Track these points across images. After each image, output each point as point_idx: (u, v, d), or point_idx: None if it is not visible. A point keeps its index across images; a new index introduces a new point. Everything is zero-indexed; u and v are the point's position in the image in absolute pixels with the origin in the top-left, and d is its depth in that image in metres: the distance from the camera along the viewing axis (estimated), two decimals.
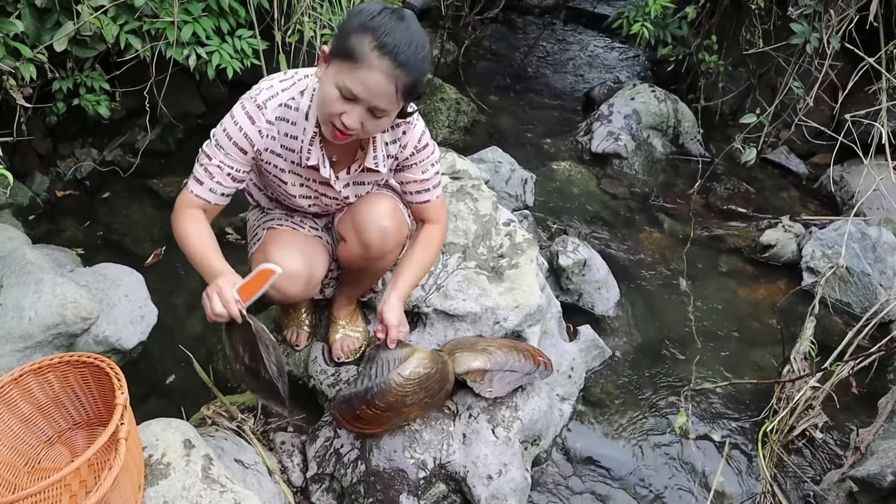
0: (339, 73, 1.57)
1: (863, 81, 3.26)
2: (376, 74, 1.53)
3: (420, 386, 1.90)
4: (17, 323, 1.99)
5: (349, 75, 1.55)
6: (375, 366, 1.91)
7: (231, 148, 1.75)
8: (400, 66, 1.53)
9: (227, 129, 1.74)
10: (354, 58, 1.53)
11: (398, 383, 1.87)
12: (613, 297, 2.84)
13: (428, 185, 1.93)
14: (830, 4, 3.25)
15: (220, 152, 1.75)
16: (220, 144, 1.75)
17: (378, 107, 1.58)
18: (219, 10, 2.73)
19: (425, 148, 1.89)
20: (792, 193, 3.75)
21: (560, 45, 5.17)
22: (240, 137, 1.74)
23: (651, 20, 3.73)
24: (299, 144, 1.78)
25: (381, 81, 1.54)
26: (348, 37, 1.55)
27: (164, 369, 2.39)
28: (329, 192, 1.91)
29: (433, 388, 1.93)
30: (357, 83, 1.55)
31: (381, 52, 1.51)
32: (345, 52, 1.55)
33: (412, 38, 1.55)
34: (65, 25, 2.47)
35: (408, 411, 1.92)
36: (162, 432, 1.68)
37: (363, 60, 1.52)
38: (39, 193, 3.05)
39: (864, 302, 2.89)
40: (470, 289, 2.19)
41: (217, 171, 1.76)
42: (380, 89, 1.55)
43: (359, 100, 1.57)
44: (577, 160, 3.81)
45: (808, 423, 2.38)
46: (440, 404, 2.01)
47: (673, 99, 3.94)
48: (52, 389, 1.67)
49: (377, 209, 1.91)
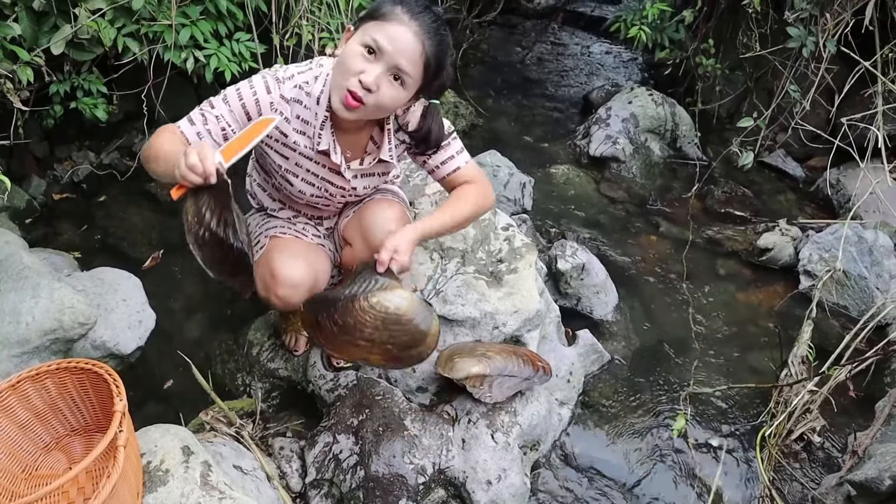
0: (366, 31, 1.62)
1: (859, 85, 3.27)
2: (405, 30, 1.59)
3: (385, 325, 1.74)
4: (14, 328, 1.98)
5: (377, 29, 1.60)
6: (354, 283, 1.77)
7: (237, 107, 1.74)
8: (427, 31, 1.60)
9: (241, 90, 1.75)
10: (385, 16, 1.60)
11: (361, 307, 1.73)
12: (612, 302, 2.84)
13: (451, 152, 1.92)
14: (826, 8, 3.26)
15: (225, 107, 1.74)
16: (227, 99, 1.75)
17: (400, 66, 1.61)
18: (217, 13, 2.72)
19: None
20: (789, 197, 3.76)
21: (558, 49, 5.17)
22: (251, 101, 1.74)
23: (648, 24, 3.74)
24: (311, 129, 1.79)
25: (408, 37, 1.59)
26: (381, 6, 1.62)
27: (162, 374, 2.38)
28: (337, 180, 1.91)
29: (401, 338, 1.76)
30: (384, 36, 1.59)
31: (412, 15, 1.60)
32: (374, 13, 1.61)
33: (438, 18, 1.65)
34: (62, 29, 2.47)
35: (366, 347, 1.76)
36: (160, 439, 1.68)
37: (394, 18, 1.59)
38: (36, 197, 3.04)
39: (861, 305, 2.90)
40: (469, 294, 2.19)
41: (213, 120, 1.73)
42: (407, 45, 1.60)
43: (383, 55, 1.60)
44: (575, 164, 3.81)
45: (806, 426, 2.38)
46: (409, 363, 1.85)
47: (670, 102, 3.95)
48: (50, 396, 1.67)
49: (384, 214, 1.92)
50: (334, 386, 2.15)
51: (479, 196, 1.93)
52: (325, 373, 2.19)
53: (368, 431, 1.97)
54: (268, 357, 2.35)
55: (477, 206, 1.93)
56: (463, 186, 1.94)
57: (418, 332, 1.76)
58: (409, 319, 1.74)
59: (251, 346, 2.39)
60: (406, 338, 1.76)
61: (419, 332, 1.77)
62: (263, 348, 2.37)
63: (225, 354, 2.44)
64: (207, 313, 2.64)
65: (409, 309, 1.74)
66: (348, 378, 2.15)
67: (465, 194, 1.92)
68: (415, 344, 1.78)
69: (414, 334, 1.76)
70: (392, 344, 1.76)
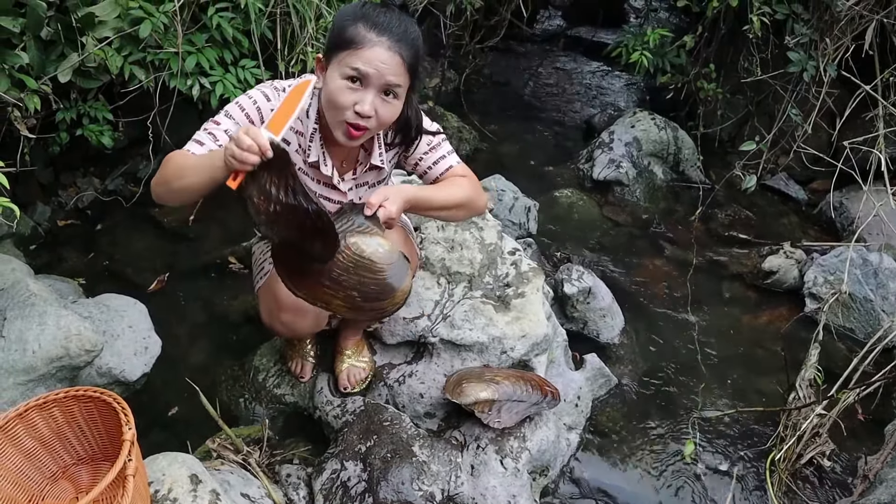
0: (342, 62, 1.61)
1: (860, 108, 3.29)
2: (379, 50, 1.59)
3: (356, 269, 1.62)
4: (20, 356, 1.97)
5: (353, 58, 1.60)
6: (336, 220, 1.64)
7: (241, 118, 1.74)
8: (398, 39, 1.60)
9: (241, 102, 1.76)
10: (354, 42, 1.59)
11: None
12: (618, 325, 2.83)
13: (442, 152, 1.93)
14: (826, 33, 3.29)
15: (230, 120, 1.74)
16: (230, 114, 1.75)
17: (389, 83, 1.62)
18: (222, 40, 2.74)
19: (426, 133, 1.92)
20: (792, 219, 3.76)
21: (560, 74, 5.21)
22: (253, 110, 1.75)
23: (650, 49, 3.77)
24: (303, 140, 1.81)
25: (385, 55, 1.59)
26: (342, 31, 1.61)
27: (168, 401, 2.37)
28: (334, 195, 1.91)
29: (369, 287, 1.64)
30: (363, 62, 1.59)
31: (379, 31, 1.59)
32: (342, 42, 1.61)
33: (401, 18, 1.64)
34: (69, 57, 2.48)
35: (330, 289, 1.64)
36: (168, 467, 1.66)
37: (363, 42, 1.59)
38: (41, 223, 3.04)
39: (868, 328, 2.89)
40: (476, 318, 2.18)
41: (222, 135, 1.72)
42: (386, 62, 1.60)
43: (369, 80, 1.61)
44: (579, 188, 3.82)
45: (816, 450, 2.36)
46: (370, 316, 1.78)
47: (673, 126, 3.97)
48: (57, 424, 1.65)
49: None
50: (341, 412, 2.14)
51: (472, 188, 1.91)
52: (332, 398, 2.18)
53: (376, 458, 1.96)
54: (274, 383, 2.34)
55: (469, 198, 1.89)
56: (456, 177, 1.92)
57: (388, 284, 1.65)
58: (381, 269, 1.63)
59: (257, 372, 2.38)
60: (374, 288, 1.64)
61: (388, 286, 1.65)
62: (269, 374, 2.36)
63: (231, 380, 2.43)
64: (213, 339, 2.63)
65: (384, 257, 1.63)
66: (355, 404, 2.14)
67: (458, 182, 1.90)
68: (381, 296, 1.66)
69: (383, 286, 1.65)
70: (358, 291, 1.63)
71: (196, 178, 1.59)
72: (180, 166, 1.63)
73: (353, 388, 2.17)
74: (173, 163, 1.65)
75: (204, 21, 2.69)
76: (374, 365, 2.23)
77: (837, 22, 3.23)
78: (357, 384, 2.17)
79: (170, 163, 1.66)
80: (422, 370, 2.19)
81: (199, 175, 1.58)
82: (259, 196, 1.49)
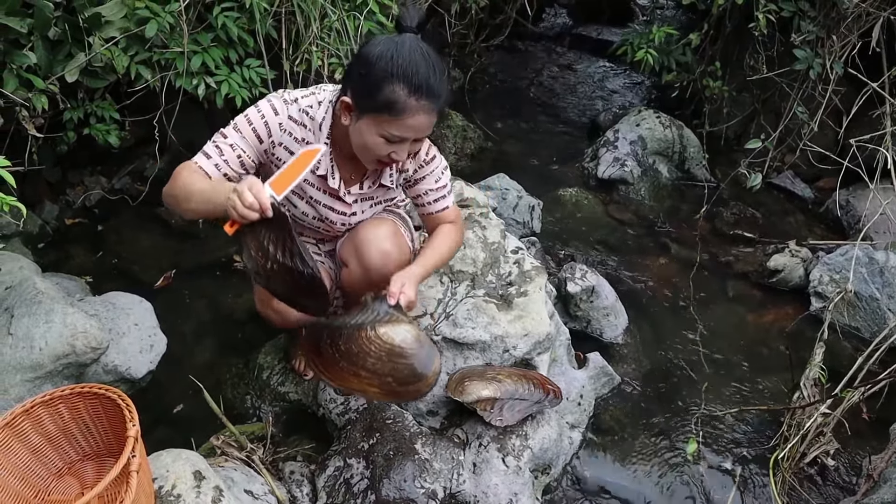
0: (382, 125, 1.63)
1: (867, 106, 3.27)
2: (421, 117, 1.62)
3: (389, 356, 1.70)
4: (27, 353, 2.00)
5: (395, 126, 1.62)
6: (362, 312, 1.76)
7: (248, 132, 1.77)
8: (436, 98, 1.61)
9: (250, 115, 1.78)
10: (395, 110, 1.59)
11: (367, 336, 1.70)
12: (622, 324, 2.83)
13: (444, 192, 1.99)
14: (833, 31, 3.28)
15: (237, 134, 1.78)
16: (238, 127, 1.79)
17: (423, 137, 1.69)
18: (228, 40, 2.75)
19: (434, 159, 1.95)
20: (798, 218, 3.75)
21: (565, 72, 5.20)
22: (260, 124, 1.77)
23: (655, 47, 3.76)
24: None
25: (425, 120, 1.63)
26: (378, 90, 1.59)
27: (173, 398, 2.39)
28: (338, 205, 1.93)
29: (402, 372, 1.72)
30: (405, 130, 1.63)
31: (419, 96, 1.59)
32: (381, 106, 1.60)
33: (430, 62, 1.62)
34: (77, 57, 2.50)
35: (366, 378, 1.72)
36: (172, 463, 1.68)
37: (405, 110, 1.59)
38: (49, 221, 3.07)
39: (874, 327, 2.88)
40: (479, 317, 2.19)
41: (228, 149, 1.77)
42: (425, 125, 1.65)
43: (408, 138, 1.66)
44: (583, 186, 3.82)
45: (820, 450, 2.36)
46: (406, 398, 1.84)
47: (678, 125, 3.96)
48: (63, 421, 1.67)
49: (377, 232, 1.93)
50: (345, 410, 2.15)
51: (459, 236, 2.04)
52: (336, 396, 2.19)
53: (379, 455, 1.97)
54: (278, 381, 2.35)
55: (456, 248, 2.05)
56: (445, 226, 2.01)
57: (420, 368, 1.73)
58: (411, 354, 1.71)
59: (261, 370, 2.39)
60: (407, 372, 1.73)
61: (420, 370, 1.73)
62: (274, 372, 2.37)
63: (235, 378, 2.44)
64: (217, 337, 2.64)
65: (413, 344, 1.72)
66: (359, 402, 2.15)
67: (449, 234, 2.00)
68: (414, 380, 1.74)
69: (415, 370, 1.73)
70: (392, 377, 1.73)
71: (200, 206, 1.67)
72: (188, 189, 1.68)
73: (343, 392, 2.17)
74: (182, 181, 1.70)
75: (209, 21, 2.70)
76: None
77: (844, 19, 3.22)
78: None
79: (179, 178, 1.71)
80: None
81: (202, 205, 1.66)
82: (257, 251, 1.59)
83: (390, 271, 1.88)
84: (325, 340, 1.76)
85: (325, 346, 1.76)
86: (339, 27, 2.94)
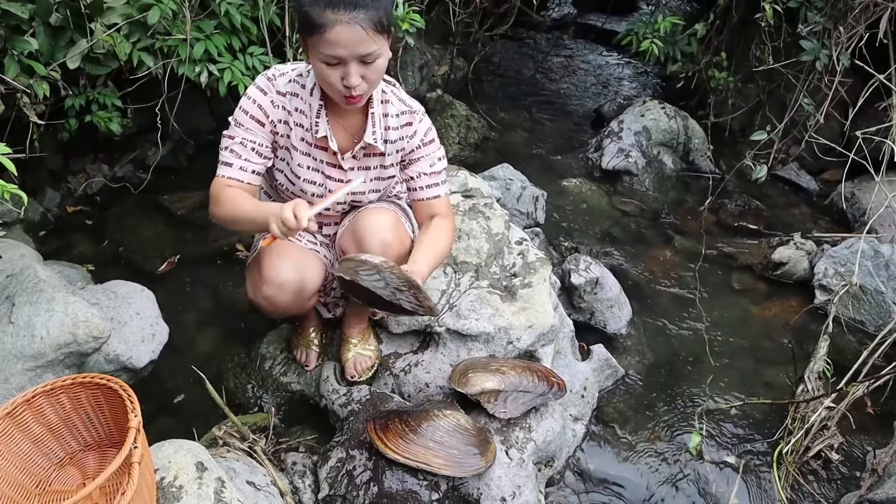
0: (315, 47, 1.65)
1: (873, 98, 3.25)
2: (339, 29, 1.59)
3: (456, 429, 1.92)
4: (28, 342, 1.98)
5: (322, 44, 1.62)
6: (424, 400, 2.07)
7: (249, 122, 1.82)
8: (353, 9, 1.58)
9: (243, 105, 1.83)
10: (316, 26, 1.60)
11: (436, 415, 1.94)
12: (626, 316, 2.82)
13: (437, 180, 1.97)
14: (840, 22, 3.25)
15: (241, 129, 1.83)
16: (238, 122, 1.83)
17: (361, 53, 1.64)
18: (231, 27, 2.74)
19: (432, 142, 1.94)
20: (803, 210, 3.73)
21: (570, 62, 5.17)
22: (255, 110, 1.81)
23: (660, 37, 3.73)
24: (308, 120, 1.84)
25: (347, 33, 1.60)
26: (305, 13, 1.62)
27: (174, 388, 2.38)
28: (336, 173, 1.93)
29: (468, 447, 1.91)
30: (330, 46, 1.62)
31: (334, 8, 1.58)
32: (308, 27, 1.63)
33: None
34: (78, 43, 2.48)
35: (433, 449, 1.88)
36: (174, 454, 1.66)
37: (324, 24, 1.59)
38: (50, 209, 3.06)
39: (878, 320, 2.86)
40: (483, 308, 2.18)
41: (241, 148, 1.83)
42: (351, 39, 1.61)
43: (343, 58, 1.64)
44: (587, 177, 3.80)
45: (824, 443, 2.35)
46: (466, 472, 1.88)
47: (683, 115, 3.94)
48: (65, 411, 1.66)
49: (377, 221, 1.92)
50: (347, 400, 2.14)
51: (452, 233, 2.03)
52: (339, 387, 2.18)
53: None
54: (280, 371, 2.34)
55: (450, 245, 2.02)
56: (439, 220, 1.99)
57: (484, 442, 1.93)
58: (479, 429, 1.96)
59: (263, 360, 2.39)
60: (472, 447, 1.91)
61: (484, 443, 1.93)
62: (276, 362, 2.36)
63: (237, 368, 2.44)
64: (220, 326, 2.64)
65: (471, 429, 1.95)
66: (361, 393, 2.14)
67: (443, 231, 1.98)
68: (481, 453, 1.90)
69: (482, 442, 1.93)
70: (458, 449, 1.89)
71: (247, 227, 1.86)
72: (233, 214, 1.81)
73: (359, 376, 2.17)
74: (225, 205, 1.82)
75: (212, 8, 2.69)
76: (381, 353, 2.23)
77: (851, 10, 3.19)
78: (363, 372, 2.17)
79: (221, 203, 1.83)
80: (428, 360, 2.19)
81: (248, 226, 1.83)
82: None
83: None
84: (393, 419, 1.94)
85: (395, 423, 1.92)
86: None
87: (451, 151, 3.77)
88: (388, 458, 1.87)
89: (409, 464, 1.86)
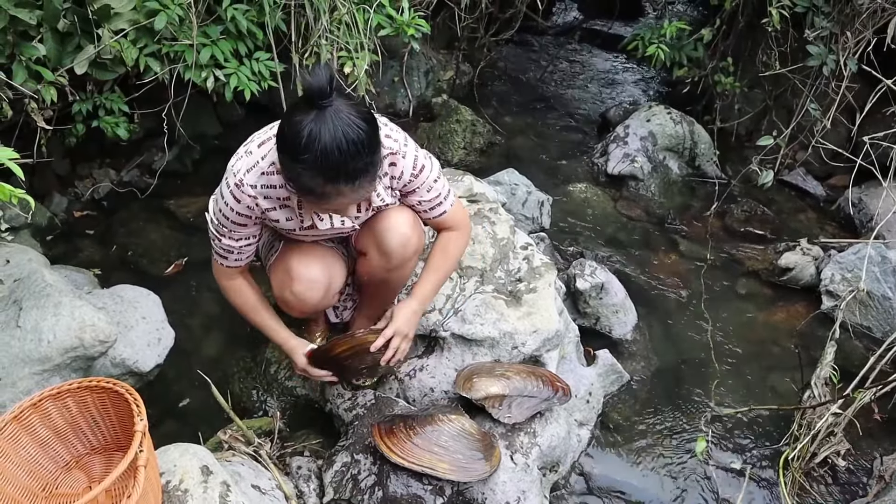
0: (310, 204, 1.72)
1: (880, 103, 3.24)
2: (341, 199, 1.63)
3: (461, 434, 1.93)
4: (35, 346, 2.00)
5: (320, 207, 1.72)
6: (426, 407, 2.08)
7: (232, 225, 1.82)
8: (352, 176, 1.56)
9: (222, 210, 1.79)
10: (315, 194, 1.61)
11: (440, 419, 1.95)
12: (631, 321, 2.81)
13: (439, 200, 1.95)
14: (847, 27, 3.24)
15: (225, 231, 1.83)
16: (221, 225, 1.83)
17: (359, 201, 1.75)
18: (237, 32, 2.75)
19: (423, 170, 1.88)
20: (809, 215, 3.72)
21: (575, 66, 5.17)
22: (234, 215, 1.79)
23: (666, 42, 3.73)
24: (293, 211, 1.81)
25: (349, 197, 1.63)
26: (298, 180, 1.60)
27: (180, 392, 2.39)
28: (343, 229, 1.93)
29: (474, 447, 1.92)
30: (332, 209, 1.73)
31: (335, 183, 1.56)
32: (303, 189, 1.62)
33: (342, 137, 1.50)
34: (86, 49, 2.50)
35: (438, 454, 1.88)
36: (180, 458, 1.67)
37: (324, 194, 1.60)
38: (57, 214, 3.07)
39: (885, 326, 2.85)
40: (488, 313, 2.18)
41: (232, 244, 1.86)
42: (353, 200, 1.66)
43: (340, 209, 1.73)
44: (593, 182, 3.79)
45: (830, 450, 2.34)
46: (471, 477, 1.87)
47: (689, 120, 3.93)
48: (71, 414, 1.67)
49: (396, 219, 1.92)
50: (352, 405, 2.14)
51: (462, 243, 2.05)
52: (343, 392, 2.18)
53: None
54: (286, 375, 2.35)
55: (460, 255, 2.06)
56: (444, 234, 2.01)
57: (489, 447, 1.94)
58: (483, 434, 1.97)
59: (269, 364, 2.39)
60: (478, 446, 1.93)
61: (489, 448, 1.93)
62: (281, 366, 2.37)
63: (243, 372, 2.44)
64: (225, 330, 2.64)
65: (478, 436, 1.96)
66: (366, 397, 2.14)
67: (448, 246, 2.01)
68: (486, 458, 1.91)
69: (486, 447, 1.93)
70: (462, 454, 1.89)
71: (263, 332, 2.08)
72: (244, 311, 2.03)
73: (364, 381, 2.17)
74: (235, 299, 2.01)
75: (218, 13, 2.69)
76: None
77: (859, 15, 3.18)
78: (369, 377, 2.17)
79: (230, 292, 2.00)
80: (433, 364, 2.19)
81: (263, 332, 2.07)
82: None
83: (409, 256, 1.95)
84: (398, 424, 1.94)
85: (399, 428, 1.93)
86: (349, 20, 2.92)
87: (456, 156, 3.77)
88: (393, 462, 1.87)
89: (414, 468, 1.86)
